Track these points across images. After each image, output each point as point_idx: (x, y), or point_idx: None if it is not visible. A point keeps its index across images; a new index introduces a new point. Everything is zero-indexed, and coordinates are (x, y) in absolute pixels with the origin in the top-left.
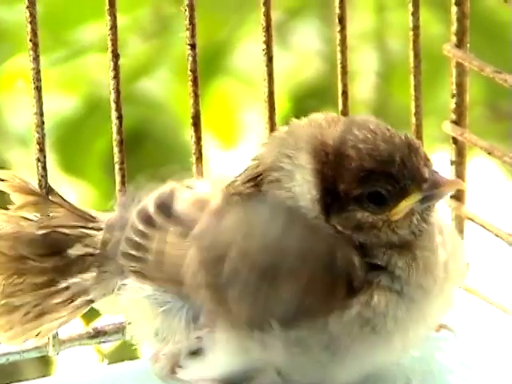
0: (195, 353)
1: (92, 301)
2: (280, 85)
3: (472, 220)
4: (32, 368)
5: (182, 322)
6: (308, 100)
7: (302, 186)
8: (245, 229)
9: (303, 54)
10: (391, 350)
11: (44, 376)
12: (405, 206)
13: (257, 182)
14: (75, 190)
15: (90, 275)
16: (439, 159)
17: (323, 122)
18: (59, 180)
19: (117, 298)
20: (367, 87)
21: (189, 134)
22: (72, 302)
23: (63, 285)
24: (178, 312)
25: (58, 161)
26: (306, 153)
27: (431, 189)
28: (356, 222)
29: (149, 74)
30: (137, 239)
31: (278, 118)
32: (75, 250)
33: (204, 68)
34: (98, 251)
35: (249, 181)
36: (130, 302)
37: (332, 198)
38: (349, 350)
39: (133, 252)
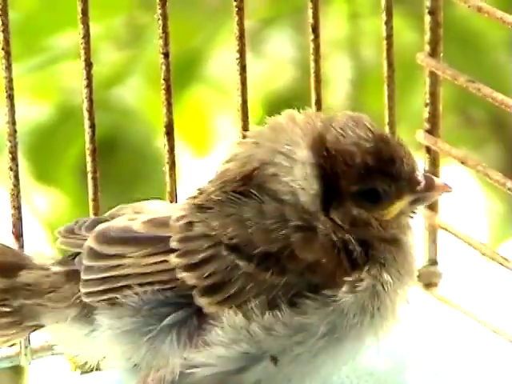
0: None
1: (42, 325)
2: (253, 92)
3: (445, 229)
4: (4, 378)
5: (173, 343)
6: (281, 107)
7: (302, 181)
8: (242, 220)
9: (276, 61)
10: (381, 333)
11: None
12: (398, 206)
13: (245, 181)
14: (47, 199)
15: (42, 300)
16: None
17: (308, 118)
18: (31, 188)
19: (71, 329)
20: (340, 95)
21: (162, 141)
22: (21, 323)
23: (14, 306)
24: (167, 335)
25: (31, 169)
26: (305, 148)
27: (424, 191)
28: (352, 217)
29: (122, 82)
30: (101, 275)
31: (251, 126)
32: (26, 276)
33: (177, 76)
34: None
35: (233, 181)
36: (105, 342)
37: (332, 193)
38: (349, 333)
39: (101, 288)
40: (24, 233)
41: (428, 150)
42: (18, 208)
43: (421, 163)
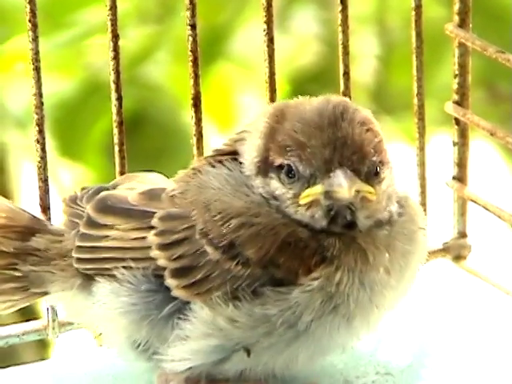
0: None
1: (47, 293)
2: (279, 68)
3: (474, 201)
4: (29, 351)
5: (174, 329)
6: (307, 83)
7: (251, 146)
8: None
9: (302, 37)
10: (352, 334)
11: (42, 359)
12: (308, 193)
13: (233, 146)
14: (73, 174)
15: (49, 267)
16: (440, 141)
17: (314, 99)
18: (57, 164)
19: (76, 297)
20: (367, 70)
21: (189, 115)
22: (27, 289)
23: (22, 271)
24: (167, 320)
25: (56, 144)
26: (264, 116)
27: (331, 186)
28: (272, 190)
29: (150, 58)
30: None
31: (278, 99)
32: (37, 241)
33: (204, 52)
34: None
35: (228, 143)
36: (105, 317)
37: (264, 163)
38: (311, 327)
39: (87, 256)
40: (51, 205)
41: (457, 121)
42: (44, 181)
43: (448, 136)
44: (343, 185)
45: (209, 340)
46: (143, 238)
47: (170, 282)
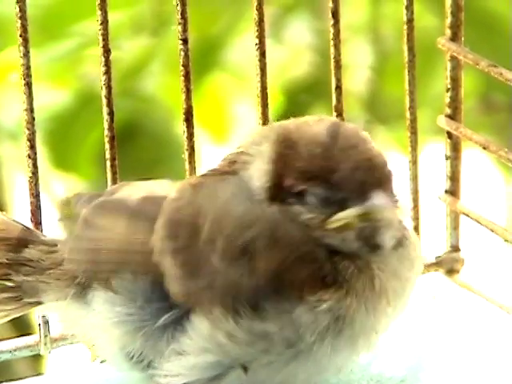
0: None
1: (41, 303)
2: (273, 79)
3: (467, 215)
4: (24, 366)
5: (169, 342)
6: (301, 94)
7: (258, 171)
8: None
9: (296, 48)
10: (353, 355)
11: (36, 375)
12: (340, 217)
13: (231, 166)
14: (67, 185)
15: (43, 277)
16: (433, 151)
17: (310, 121)
18: (50, 175)
19: (71, 307)
20: (360, 80)
21: (181, 129)
22: (21, 299)
23: (16, 281)
24: (163, 331)
25: (50, 156)
26: (269, 141)
27: (372, 208)
28: (292, 215)
29: (144, 69)
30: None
31: (270, 112)
32: (30, 252)
33: (198, 63)
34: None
35: (225, 164)
36: (99, 327)
37: (277, 188)
38: (313, 348)
39: (83, 257)
40: (43, 221)
41: (449, 135)
42: (36, 196)
43: (440, 146)
44: (386, 206)
45: (206, 356)
46: (145, 242)
47: (171, 288)
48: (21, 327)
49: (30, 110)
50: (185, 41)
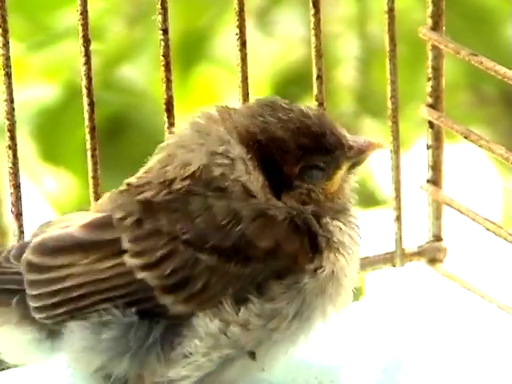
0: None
1: None
2: (263, 71)
3: (449, 205)
4: None
5: (160, 355)
6: (289, 86)
7: (247, 175)
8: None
9: (286, 40)
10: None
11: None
12: (339, 175)
13: (190, 182)
14: (56, 179)
15: None
16: (420, 145)
17: (223, 114)
18: (39, 169)
19: (15, 334)
20: (349, 73)
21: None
22: None
23: None
24: (151, 346)
25: (39, 149)
26: (237, 144)
27: (357, 155)
28: (303, 197)
29: (130, 61)
30: (50, 289)
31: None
32: None
33: (185, 54)
34: None
35: (176, 181)
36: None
37: (278, 179)
38: (317, 307)
39: (54, 300)
40: (23, 212)
41: (431, 124)
42: (17, 187)
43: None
44: (368, 141)
45: (215, 352)
46: (118, 264)
47: (165, 299)
48: None
49: (10, 100)
50: (165, 31)
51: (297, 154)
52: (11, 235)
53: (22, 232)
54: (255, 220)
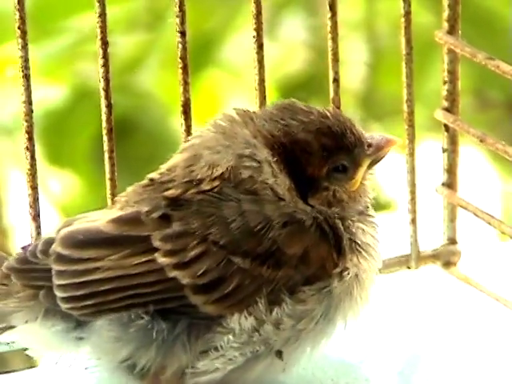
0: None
1: (12, 327)
2: (268, 75)
3: (464, 208)
4: (18, 359)
5: (185, 345)
6: (295, 90)
7: (274, 178)
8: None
9: (290, 44)
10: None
11: (30, 367)
12: (361, 173)
13: (219, 183)
14: (62, 181)
15: (10, 301)
16: (428, 147)
17: (245, 117)
18: (45, 171)
19: (41, 328)
20: (356, 77)
21: (178, 122)
22: None
23: None
24: (178, 336)
25: (45, 152)
26: (262, 148)
27: (376, 152)
28: (328, 197)
29: (140, 65)
30: (76, 280)
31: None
32: None
33: (192, 58)
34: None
35: (204, 182)
36: (99, 346)
37: (303, 182)
38: (340, 309)
39: (81, 292)
40: (41, 213)
41: (447, 128)
42: (34, 188)
43: (433, 143)
44: (385, 137)
45: (248, 347)
46: (148, 261)
47: (195, 298)
48: None
49: (29, 102)
50: (183, 33)
51: (321, 154)
52: (12, 235)
53: (39, 233)
54: (285, 227)
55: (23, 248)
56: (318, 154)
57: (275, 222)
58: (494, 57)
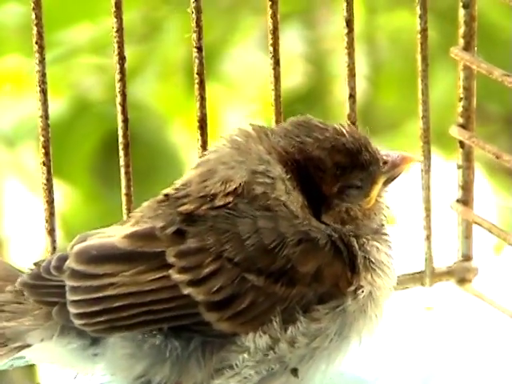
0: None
1: (28, 345)
2: (266, 89)
3: (479, 224)
4: (19, 375)
5: (200, 362)
6: (295, 104)
7: (287, 195)
8: (240, 238)
9: (288, 57)
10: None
11: (31, 383)
12: (376, 190)
13: (233, 199)
14: (61, 194)
15: (25, 319)
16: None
17: (260, 133)
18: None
19: (57, 346)
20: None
21: (174, 134)
22: (5, 345)
23: None
24: (192, 353)
25: None
26: (276, 164)
27: (391, 169)
28: (342, 215)
29: (136, 77)
30: (94, 295)
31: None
32: (5, 296)
33: (191, 72)
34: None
35: (218, 197)
36: (114, 362)
37: (317, 200)
38: (354, 327)
39: (95, 308)
40: (56, 228)
41: (462, 144)
42: (51, 203)
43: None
44: (402, 155)
45: (263, 365)
46: (162, 277)
47: (209, 316)
48: None
49: (45, 116)
50: (199, 49)
51: (334, 172)
52: (7, 247)
53: (54, 248)
54: (299, 245)
55: (36, 264)
56: (331, 171)
57: (289, 240)
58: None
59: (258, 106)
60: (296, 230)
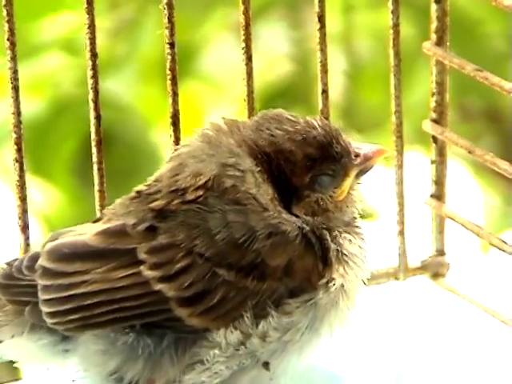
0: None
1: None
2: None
3: (452, 219)
4: (2, 371)
5: (173, 358)
6: (276, 100)
7: (257, 188)
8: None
9: (270, 55)
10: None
11: (14, 380)
12: (348, 183)
13: (202, 193)
14: (42, 193)
15: None
16: (412, 158)
17: (231, 126)
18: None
19: (27, 342)
20: (335, 88)
21: (156, 134)
22: None
23: None
24: (165, 350)
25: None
26: (246, 157)
27: (363, 162)
28: (312, 206)
29: (114, 75)
30: (63, 294)
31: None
32: None
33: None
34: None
35: (187, 191)
36: (87, 358)
37: (288, 192)
38: (326, 320)
39: (66, 306)
40: (29, 225)
41: (435, 139)
42: (23, 200)
43: (415, 154)
44: (374, 148)
45: (234, 360)
46: (134, 274)
47: (180, 311)
48: None
49: (18, 113)
50: (172, 45)
51: (305, 164)
52: None
53: (28, 245)
54: (269, 238)
55: (8, 263)
56: (302, 163)
57: (259, 234)
58: (475, 63)
59: (239, 104)
60: (266, 223)
